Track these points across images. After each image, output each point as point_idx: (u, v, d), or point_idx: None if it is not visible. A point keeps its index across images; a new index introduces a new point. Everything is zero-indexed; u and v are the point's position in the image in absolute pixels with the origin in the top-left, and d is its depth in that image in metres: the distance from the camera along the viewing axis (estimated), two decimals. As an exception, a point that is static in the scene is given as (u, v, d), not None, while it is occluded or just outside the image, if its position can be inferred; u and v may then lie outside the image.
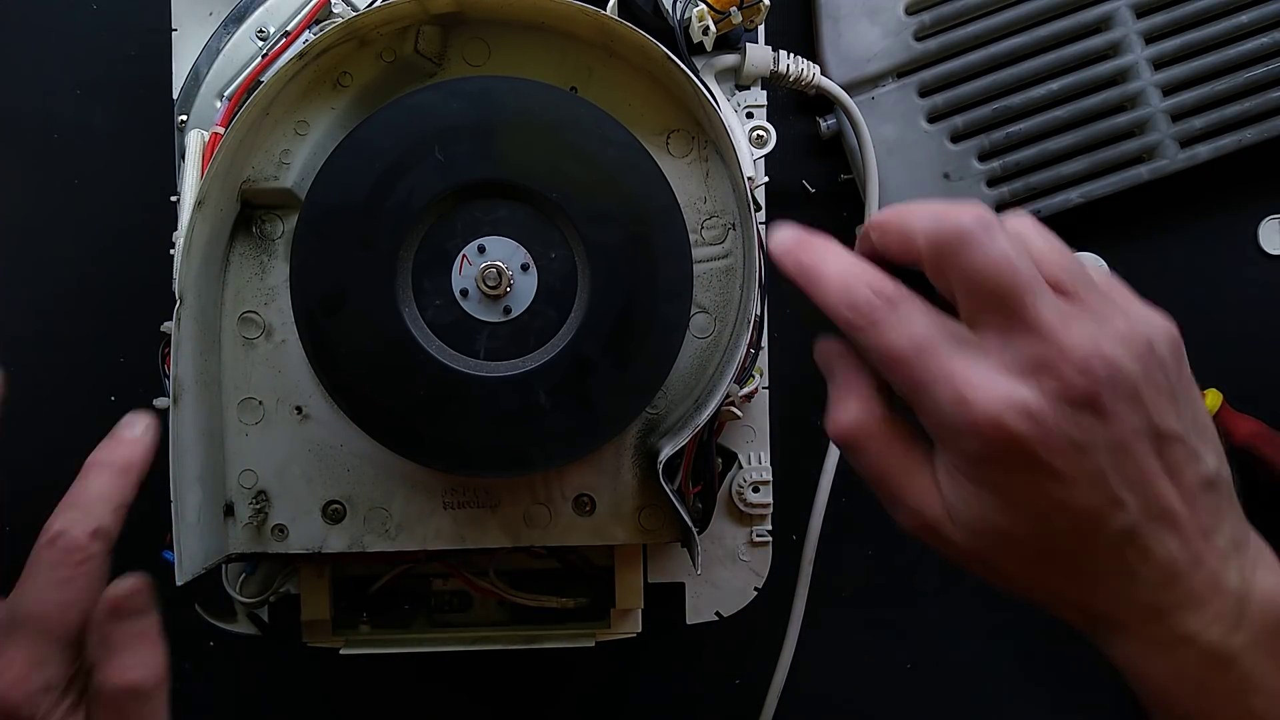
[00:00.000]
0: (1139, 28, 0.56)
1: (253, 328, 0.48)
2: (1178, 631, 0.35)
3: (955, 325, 0.35)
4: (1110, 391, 0.34)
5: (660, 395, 0.48)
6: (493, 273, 0.45)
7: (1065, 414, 0.34)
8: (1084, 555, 0.35)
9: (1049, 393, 0.34)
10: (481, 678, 0.62)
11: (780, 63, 0.50)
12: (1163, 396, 0.35)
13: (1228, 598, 0.35)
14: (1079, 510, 0.34)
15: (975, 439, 0.34)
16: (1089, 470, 0.34)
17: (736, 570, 0.56)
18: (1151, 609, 0.35)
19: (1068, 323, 0.34)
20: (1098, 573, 0.35)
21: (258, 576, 0.52)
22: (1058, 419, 0.34)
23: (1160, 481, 0.34)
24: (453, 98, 0.44)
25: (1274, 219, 0.60)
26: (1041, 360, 0.34)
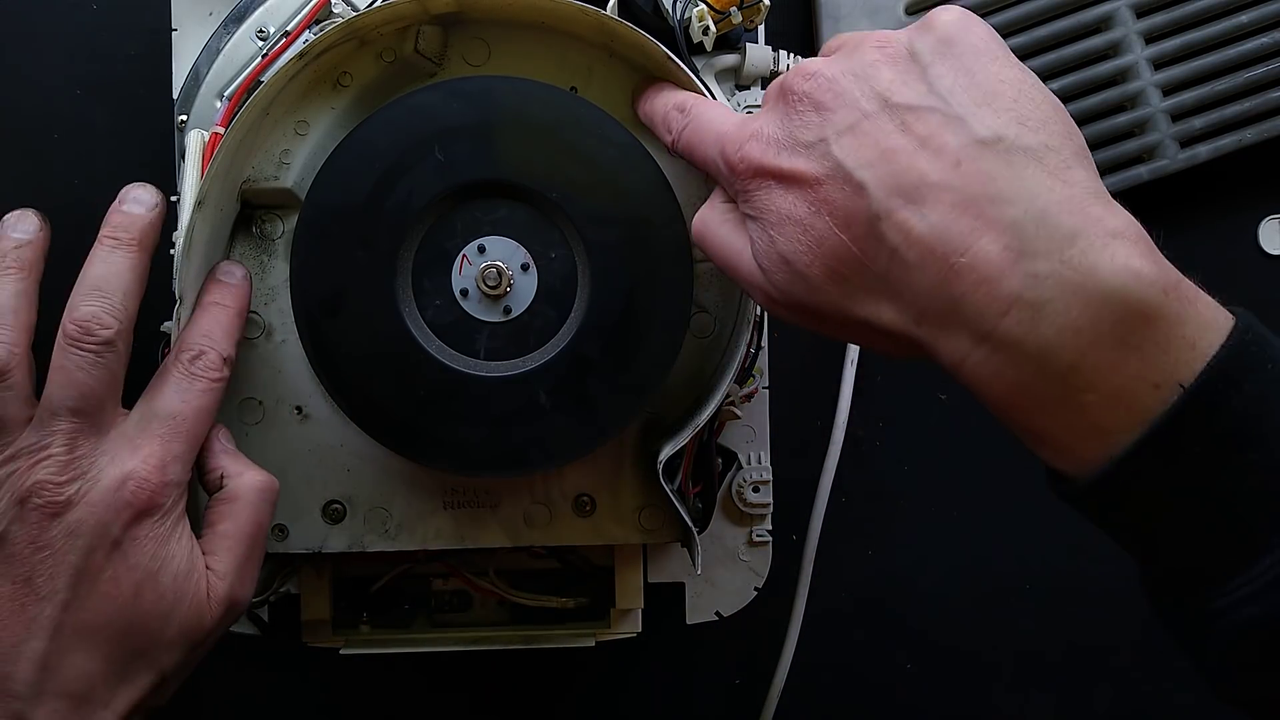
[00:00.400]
0: (1139, 28, 0.56)
1: (253, 328, 0.48)
2: (974, 327, 0.32)
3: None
4: (828, 82, 0.36)
5: (660, 395, 0.48)
6: (493, 273, 0.45)
7: (791, 121, 0.36)
8: (857, 259, 0.35)
9: (777, 111, 0.37)
10: (481, 678, 0.62)
11: (780, 63, 0.50)
12: (903, 74, 0.35)
13: (1028, 274, 0.31)
14: (831, 208, 0.35)
15: (733, 176, 0.38)
16: (827, 166, 0.35)
17: (736, 570, 0.56)
18: (939, 301, 0.33)
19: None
20: (878, 274, 0.34)
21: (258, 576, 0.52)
22: (786, 127, 0.36)
23: (902, 155, 0.34)
24: (453, 98, 0.44)
25: (1274, 219, 0.60)
26: (775, 90, 0.38)
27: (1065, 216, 0.32)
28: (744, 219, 0.39)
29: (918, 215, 0.33)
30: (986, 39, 0.35)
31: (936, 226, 0.33)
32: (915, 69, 0.35)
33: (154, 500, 0.41)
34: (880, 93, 0.35)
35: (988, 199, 0.32)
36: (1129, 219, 0.33)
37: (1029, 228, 0.32)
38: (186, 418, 0.42)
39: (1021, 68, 0.35)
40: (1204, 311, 0.32)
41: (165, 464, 0.41)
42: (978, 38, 0.35)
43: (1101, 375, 0.31)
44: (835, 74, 0.36)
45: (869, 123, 0.35)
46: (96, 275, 0.42)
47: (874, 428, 0.62)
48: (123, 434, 0.42)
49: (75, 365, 0.40)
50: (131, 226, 0.42)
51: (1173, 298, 0.31)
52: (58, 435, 0.40)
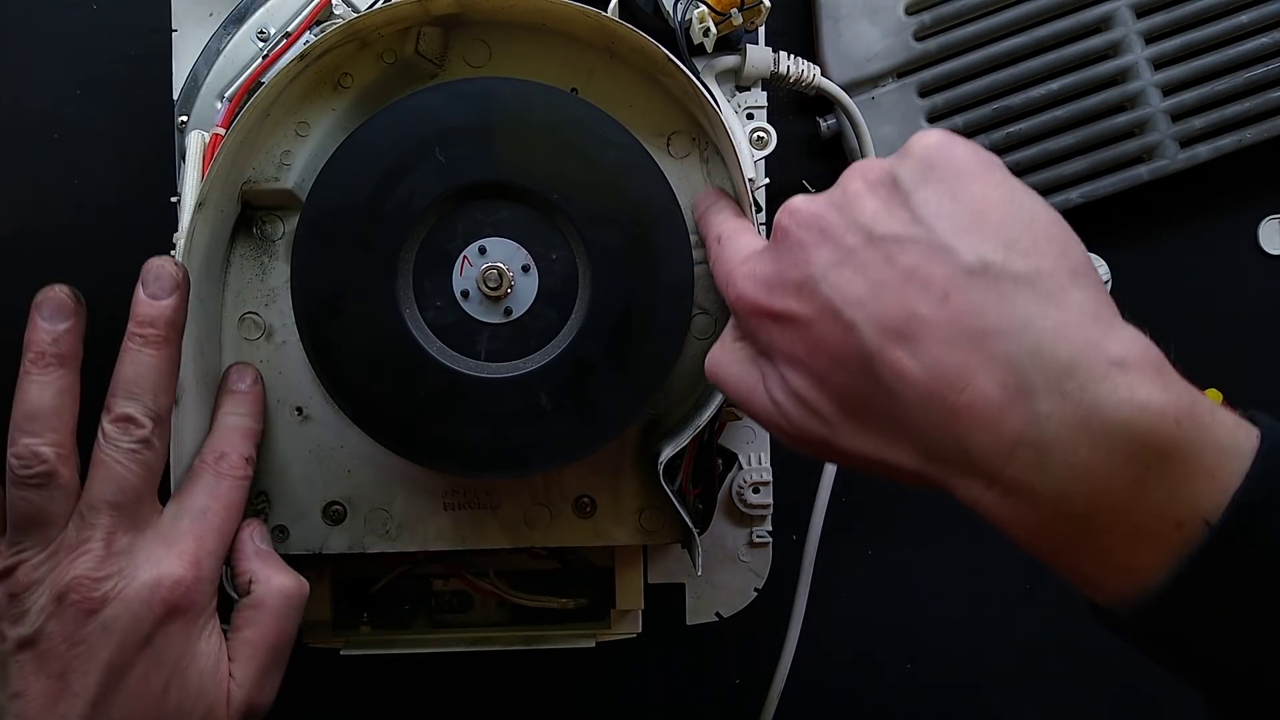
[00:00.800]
0: (1139, 28, 0.56)
1: (253, 329, 0.48)
2: (982, 470, 0.31)
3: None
4: (812, 218, 0.36)
5: (661, 396, 0.48)
6: (493, 274, 0.45)
7: (781, 259, 0.37)
8: (861, 397, 0.34)
9: (770, 249, 0.38)
10: (482, 678, 0.62)
11: (780, 64, 0.50)
12: (886, 202, 0.34)
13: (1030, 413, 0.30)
14: (826, 347, 0.34)
15: (738, 313, 0.39)
16: (817, 305, 0.35)
17: (736, 571, 0.57)
18: (944, 442, 0.32)
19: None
20: (882, 413, 0.33)
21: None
22: (776, 265, 0.37)
23: (889, 290, 0.33)
24: (453, 99, 0.44)
25: (1274, 219, 0.60)
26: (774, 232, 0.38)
27: (1062, 346, 0.30)
28: (755, 355, 0.39)
29: (910, 355, 0.32)
30: (970, 159, 0.34)
31: (930, 366, 0.31)
32: (898, 196, 0.34)
33: (189, 598, 0.42)
34: (864, 225, 0.34)
35: (980, 333, 0.31)
36: (1134, 338, 0.31)
37: (1025, 362, 0.30)
38: (217, 513, 0.44)
39: (1010, 185, 0.34)
40: (1222, 435, 0.30)
41: (200, 560, 0.42)
42: (961, 159, 0.34)
43: (1120, 516, 0.30)
44: (819, 209, 0.36)
45: (855, 258, 0.34)
46: (128, 377, 0.43)
47: (874, 428, 0.62)
48: (158, 531, 0.43)
49: (115, 460, 0.41)
50: (157, 321, 0.43)
51: (1187, 427, 0.29)
52: (97, 530, 0.41)
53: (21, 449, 0.41)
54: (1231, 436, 0.30)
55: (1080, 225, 0.58)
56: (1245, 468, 0.29)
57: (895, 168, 0.35)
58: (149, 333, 0.43)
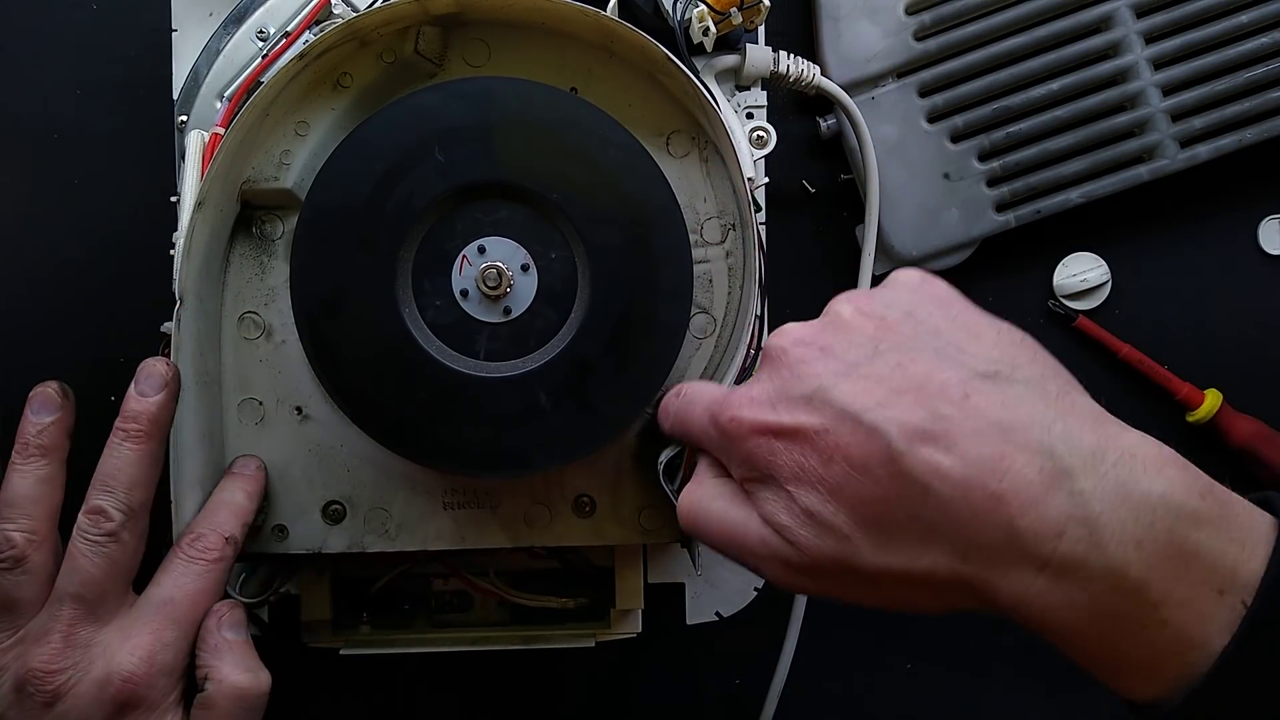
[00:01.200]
0: (1139, 28, 0.56)
1: (253, 328, 0.48)
2: (1032, 554, 0.31)
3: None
4: (814, 336, 0.36)
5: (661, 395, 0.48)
6: (493, 273, 0.45)
7: (782, 377, 0.36)
8: (885, 501, 0.33)
9: (765, 373, 0.37)
10: (482, 678, 0.62)
11: (780, 63, 0.50)
12: (886, 321, 0.36)
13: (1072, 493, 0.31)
14: (845, 454, 0.33)
15: (726, 441, 0.37)
16: (831, 413, 0.34)
17: (736, 570, 0.56)
18: (987, 533, 0.31)
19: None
20: (911, 515, 0.33)
21: (258, 577, 0.52)
22: (777, 384, 0.36)
23: (908, 394, 0.33)
24: (453, 98, 0.44)
25: (1274, 219, 0.60)
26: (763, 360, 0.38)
27: (1087, 435, 0.31)
28: (741, 491, 0.38)
29: (942, 451, 0.32)
30: (951, 292, 0.36)
31: (966, 457, 0.32)
32: (895, 316, 0.35)
33: (138, 694, 0.41)
34: (867, 341, 0.35)
35: (1008, 426, 0.32)
36: (1142, 434, 0.33)
37: (1058, 447, 0.31)
38: (179, 603, 0.43)
39: (990, 315, 0.36)
40: (1241, 512, 0.31)
41: (154, 655, 0.42)
42: (944, 291, 0.36)
43: (1171, 586, 0.30)
44: (816, 332, 0.36)
45: (865, 368, 0.34)
46: (106, 469, 0.43)
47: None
48: (120, 624, 0.43)
49: (80, 553, 0.42)
50: (140, 417, 0.43)
51: (1210, 501, 0.31)
52: (59, 621, 0.42)
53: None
54: (1248, 514, 0.31)
55: (1080, 225, 0.59)
56: (1270, 537, 0.31)
57: (887, 296, 0.36)
58: (132, 428, 0.43)
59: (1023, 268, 0.61)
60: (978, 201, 0.57)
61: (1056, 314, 0.60)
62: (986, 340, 0.34)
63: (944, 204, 0.57)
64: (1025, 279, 0.61)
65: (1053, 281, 0.60)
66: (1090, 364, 0.61)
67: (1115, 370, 0.61)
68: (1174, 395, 0.59)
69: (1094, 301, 0.60)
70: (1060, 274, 0.60)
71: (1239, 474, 0.60)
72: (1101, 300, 0.60)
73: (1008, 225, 0.57)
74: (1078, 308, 0.60)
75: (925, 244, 0.57)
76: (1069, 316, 0.60)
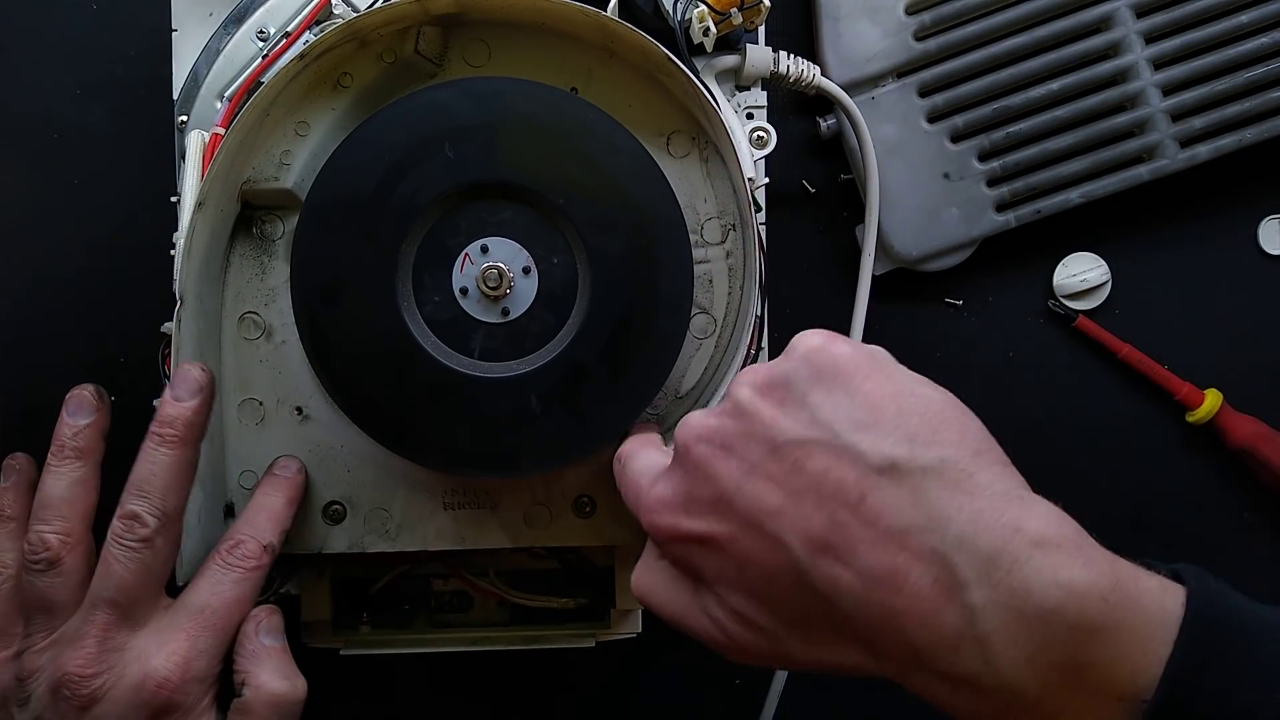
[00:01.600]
0: (1139, 28, 0.56)
1: (253, 328, 0.48)
2: (931, 666, 0.32)
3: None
4: (713, 433, 0.36)
5: (661, 396, 0.48)
6: (494, 273, 0.45)
7: (689, 479, 0.36)
8: (801, 610, 0.34)
9: (676, 471, 0.37)
10: (482, 678, 0.62)
11: (780, 63, 0.50)
12: (783, 406, 0.35)
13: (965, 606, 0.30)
14: (755, 563, 0.34)
15: (663, 545, 0.38)
16: (736, 522, 0.35)
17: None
18: (890, 642, 0.32)
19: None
20: (825, 622, 0.34)
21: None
22: (685, 486, 0.36)
23: (805, 500, 0.33)
24: (464, 96, 0.44)
25: (1274, 219, 0.60)
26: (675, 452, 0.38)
27: (983, 536, 0.31)
28: (682, 575, 0.38)
29: (841, 564, 0.32)
30: (853, 356, 0.35)
31: (863, 571, 0.32)
32: (793, 399, 0.35)
33: (173, 700, 0.42)
34: (765, 433, 0.35)
35: (903, 531, 0.31)
36: (1047, 513, 0.32)
37: (952, 554, 0.31)
38: (215, 609, 0.44)
39: (899, 376, 0.35)
40: (1150, 603, 0.30)
41: (189, 661, 0.42)
42: (845, 358, 0.35)
43: (1067, 699, 0.30)
44: (717, 424, 0.36)
45: (763, 468, 0.34)
46: (141, 473, 0.43)
47: (874, 428, 0.62)
48: (155, 629, 0.43)
49: (115, 559, 0.42)
50: (176, 421, 0.43)
51: (1114, 601, 0.30)
52: (94, 625, 0.42)
53: (32, 535, 0.43)
54: (1158, 604, 0.30)
55: (1080, 225, 0.59)
56: (1177, 620, 0.30)
57: (784, 371, 0.35)
58: (167, 432, 0.43)
59: (1023, 268, 0.61)
60: (978, 201, 0.57)
61: (1056, 314, 0.60)
62: (887, 418, 0.33)
63: (944, 204, 0.57)
64: (1025, 279, 0.61)
65: (1053, 281, 0.60)
66: (1090, 364, 0.61)
67: (1115, 370, 0.61)
68: (1174, 395, 0.59)
69: (1094, 301, 0.60)
70: (1060, 274, 0.60)
71: (1239, 474, 0.60)
72: (1101, 300, 0.60)
73: (1008, 225, 0.57)
74: (1078, 308, 0.60)
75: (925, 244, 0.57)
76: (1069, 316, 0.60)
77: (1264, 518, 0.61)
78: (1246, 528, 0.61)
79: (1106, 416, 0.61)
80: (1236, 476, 0.61)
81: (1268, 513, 0.61)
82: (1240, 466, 0.60)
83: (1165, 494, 0.61)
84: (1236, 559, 0.61)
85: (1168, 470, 0.61)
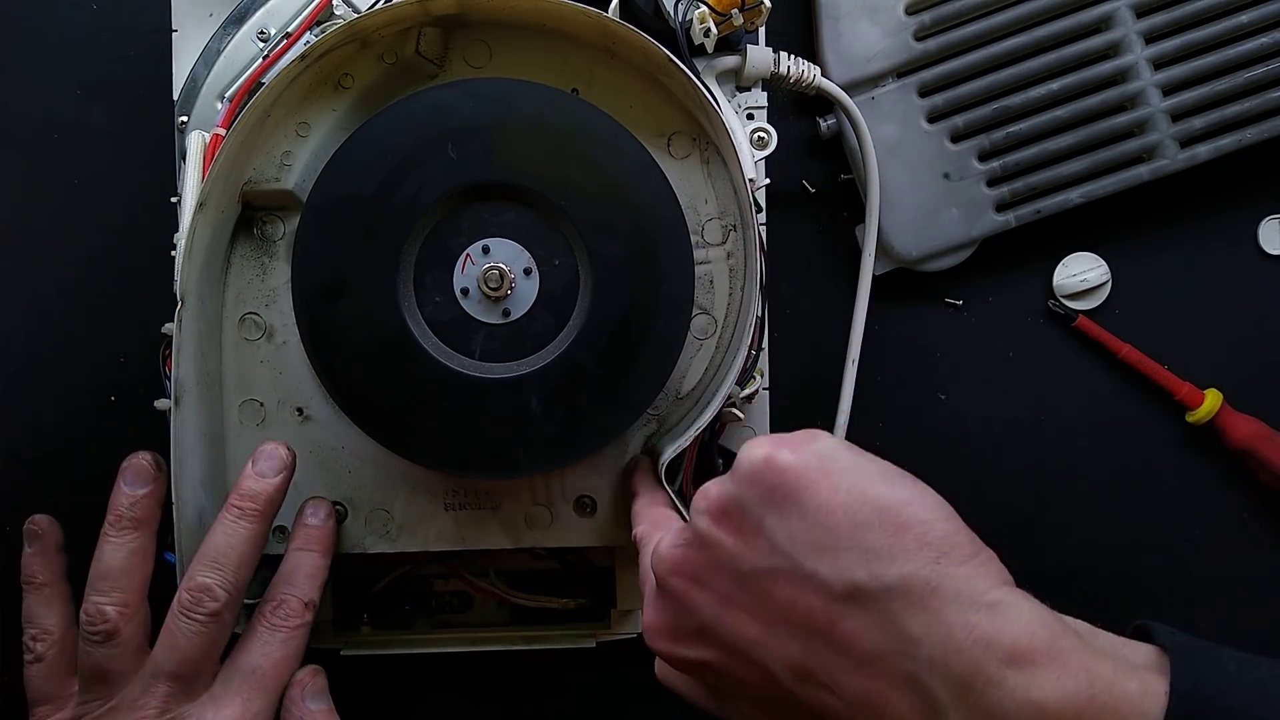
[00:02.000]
0: (1139, 28, 0.56)
1: (254, 329, 0.48)
2: None
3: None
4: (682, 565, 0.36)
5: (661, 397, 0.48)
6: (495, 274, 0.45)
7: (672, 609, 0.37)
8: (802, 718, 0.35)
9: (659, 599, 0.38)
10: (482, 678, 0.62)
11: (781, 64, 0.50)
12: (741, 533, 0.35)
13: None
14: (747, 686, 0.35)
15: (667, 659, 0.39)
16: (722, 649, 0.35)
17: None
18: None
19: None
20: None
21: (258, 578, 0.52)
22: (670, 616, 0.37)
23: (780, 630, 0.34)
24: (467, 97, 0.44)
25: (1274, 219, 0.60)
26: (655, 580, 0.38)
27: (954, 658, 0.30)
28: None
29: (825, 690, 0.33)
30: (800, 467, 0.34)
31: (847, 697, 0.32)
32: (749, 525, 0.34)
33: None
34: (728, 565, 0.35)
35: (878, 657, 0.31)
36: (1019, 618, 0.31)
37: (926, 678, 0.31)
38: (266, 671, 0.45)
39: (848, 480, 0.33)
40: (1129, 713, 0.29)
41: (244, 717, 0.44)
42: (793, 472, 0.34)
43: None
44: (682, 554, 0.36)
45: (734, 600, 0.34)
46: (217, 546, 0.44)
47: (874, 428, 0.62)
48: (211, 696, 0.44)
49: (181, 632, 0.43)
50: (258, 496, 0.45)
51: (1090, 712, 0.29)
52: (154, 696, 0.43)
53: (90, 606, 0.44)
54: (1138, 713, 0.29)
55: (1080, 225, 0.59)
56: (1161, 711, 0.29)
57: (735, 496, 0.35)
58: (248, 506, 0.44)
59: (1023, 268, 0.61)
60: (978, 201, 0.57)
61: (1056, 314, 0.60)
62: (841, 536, 0.32)
63: (944, 204, 0.57)
64: (1025, 279, 0.61)
65: (1053, 281, 0.60)
66: (1090, 364, 0.61)
67: (1115, 370, 0.61)
68: (1174, 395, 0.59)
69: (1094, 301, 0.60)
70: (1060, 274, 0.60)
71: (1239, 474, 0.60)
72: (1101, 300, 0.60)
73: (1008, 225, 0.57)
74: (1078, 308, 0.60)
75: (925, 244, 0.57)
76: (1069, 316, 0.60)
77: (1264, 518, 0.61)
78: (1246, 528, 0.61)
79: (1106, 416, 0.61)
80: (1236, 476, 0.61)
81: (1268, 513, 0.61)
82: (1240, 466, 0.60)
83: (1165, 494, 0.61)
84: (1236, 559, 0.61)
85: (1168, 470, 0.61)
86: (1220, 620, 0.61)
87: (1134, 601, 0.58)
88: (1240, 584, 0.61)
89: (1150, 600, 0.61)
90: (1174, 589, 0.61)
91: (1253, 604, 0.61)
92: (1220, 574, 0.61)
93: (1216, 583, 0.61)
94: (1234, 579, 0.61)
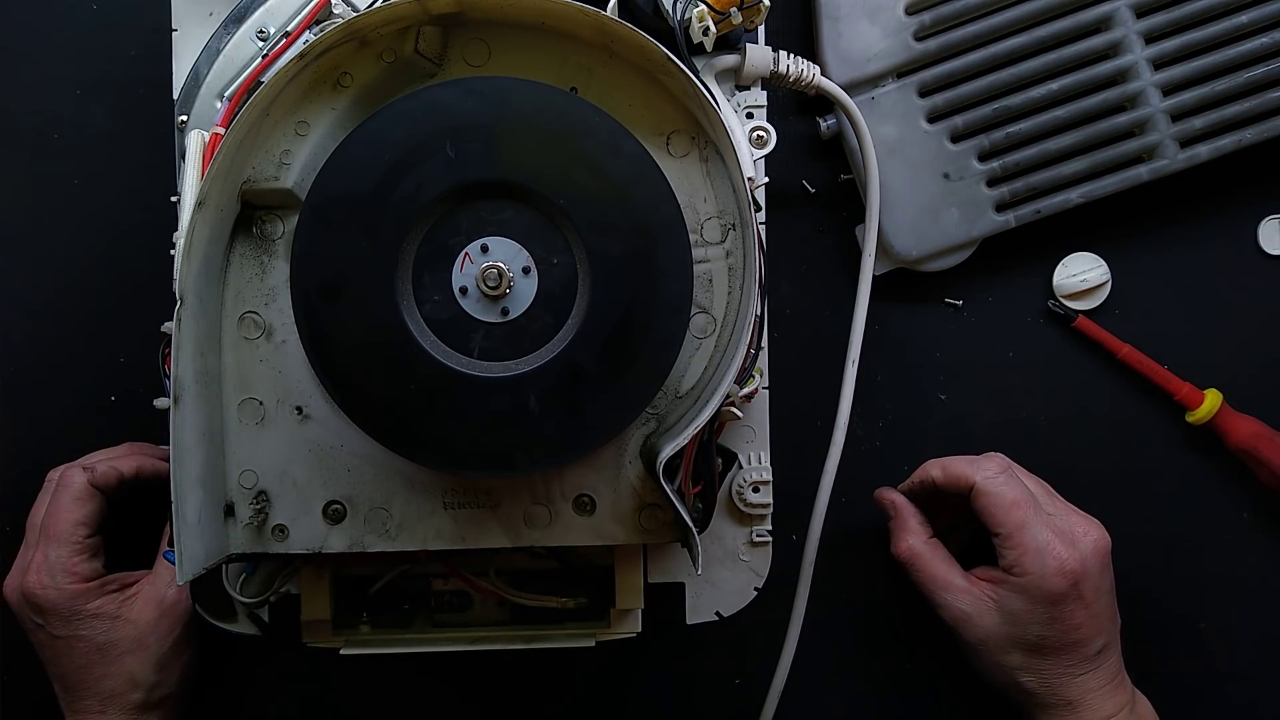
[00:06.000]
0: (1139, 28, 0.56)
1: (253, 328, 0.48)
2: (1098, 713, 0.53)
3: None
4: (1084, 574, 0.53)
5: (661, 396, 0.48)
6: (494, 273, 0.45)
7: (1094, 570, 0.53)
8: (1072, 655, 0.53)
9: (1084, 555, 0.53)
10: (481, 678, 0.62)
11: (780, 63, 0.50)
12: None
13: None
14: (1089, 630, 0.53)
15: (1056, 582, 0.52)
16: (1098, 611, 0.53)
17: (736, 570, 0.57)
18: (1099, 690, 0.53)
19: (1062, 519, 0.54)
20: (1072, 664, 0.53)
21: (258, 577, 0.52)
22: (1090, 573, 0.53)
23: (1116, 619, 0.55)
24: (466, 96, 0.44)
25: (1274, 219, 0.60)
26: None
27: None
28: (957, 568, 0.57)
29: (1113, 652, 0.55)
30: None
31: (1116, 662, 0.55)
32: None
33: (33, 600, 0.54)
34: (1111, 576, 0.55)
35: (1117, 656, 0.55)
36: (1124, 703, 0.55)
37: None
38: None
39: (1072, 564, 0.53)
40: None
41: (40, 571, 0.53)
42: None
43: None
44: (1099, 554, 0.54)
45: (1110, 596, 0.55)
46: None
47: (874, 428, 0.62)
48: None
49: None
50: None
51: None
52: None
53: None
54: None
55: (1080, 225, 0.59)
56: None
57: (1084, 568, 0.53)
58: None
59: (1023, 268, 0.61)
60: (978, 201, 0.57)
61: (1056, 314, 0.60)
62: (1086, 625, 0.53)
63: (944, 204, 0.57)
64: (1025, 279, 0.61)
65: (1053, 281, 0.60)
66: (1090, 364, 0.61)
67: (1115, 370, 0.61)
68: (1174, 395, 0.59)
69: (1094, 301, 0.60)
70: (1060, 274, 0.60)
71: (1239, 474, 0.60)
72: (1101, 300, 0.60)
73: (1008, 225, 0.57)
74: (1078, 308, 0.60)
75: (925, 244, 0.57)
76: (1069, 316, 0.60)
77: (1264, 518, 0.61)
78: (1246, 528, 0.61)
79: (1106, 416, 0.61)
80: (1236, 476, 0.61)
81: (1268, 513, 0.61)
82: (1240, 466, 0.60)
83: (1165, 494, 0.61)
84: (1236, 559, 0.61)
85: (1168, 470, 0.61)
86: (1220, 620, 0.61)
87: (1134, 601, 0.58)
88: (1240, 584, 0.61)
89: (1150, 600, 0.61)
90: (1174, 589, 0.61)
91: (1253, 604, 0.61)
92: (1220, 574, 0.61)
93: (1217, 583, 0.61)
94: (1234, 579, 0.61)
